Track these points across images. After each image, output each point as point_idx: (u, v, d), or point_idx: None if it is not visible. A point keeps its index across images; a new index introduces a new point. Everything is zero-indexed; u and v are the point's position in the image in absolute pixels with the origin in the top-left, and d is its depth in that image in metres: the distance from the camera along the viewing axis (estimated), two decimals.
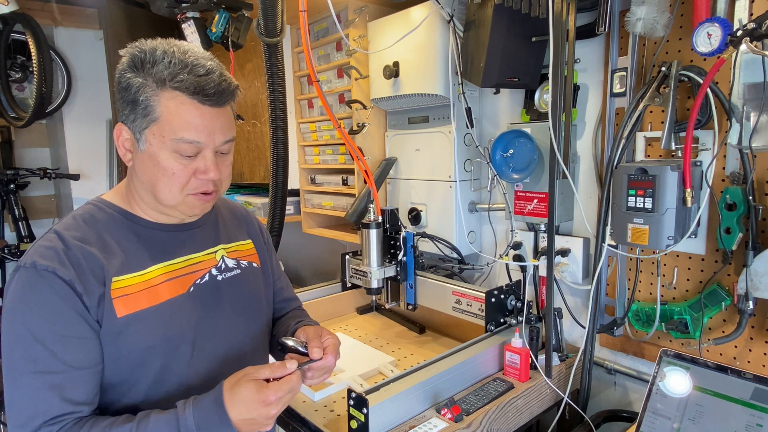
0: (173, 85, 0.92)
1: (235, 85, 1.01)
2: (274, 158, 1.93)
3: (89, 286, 0.92)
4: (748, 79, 1.22)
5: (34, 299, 0.88)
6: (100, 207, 1.03)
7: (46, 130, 3.72)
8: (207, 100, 0.94)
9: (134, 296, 0.97)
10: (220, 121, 0.97)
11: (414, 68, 1.88)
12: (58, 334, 0.88)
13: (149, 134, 0.95)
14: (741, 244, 1.29)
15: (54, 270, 0.89)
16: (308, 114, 2.46)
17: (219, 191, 1.04)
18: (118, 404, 0.98)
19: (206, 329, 1.06)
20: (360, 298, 2.31)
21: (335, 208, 2.35)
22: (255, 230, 1.28)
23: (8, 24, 3.07)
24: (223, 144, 1.00)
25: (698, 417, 1.22)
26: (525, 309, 1.63)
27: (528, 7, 1.45)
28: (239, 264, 1.17)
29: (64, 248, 0.93)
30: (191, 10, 2.05)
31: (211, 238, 1.15)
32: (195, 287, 1.07)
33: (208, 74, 0.94)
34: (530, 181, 1.69)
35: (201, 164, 0.97)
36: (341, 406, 1.46)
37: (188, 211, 1.03)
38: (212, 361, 1.07)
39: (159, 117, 0.93)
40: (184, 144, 0.94)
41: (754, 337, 1.34)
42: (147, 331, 0.97)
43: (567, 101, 1.49)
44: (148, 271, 1.01)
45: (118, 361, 0.96)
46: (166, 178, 0.96)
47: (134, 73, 0.93)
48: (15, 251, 3.26)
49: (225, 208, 1.25)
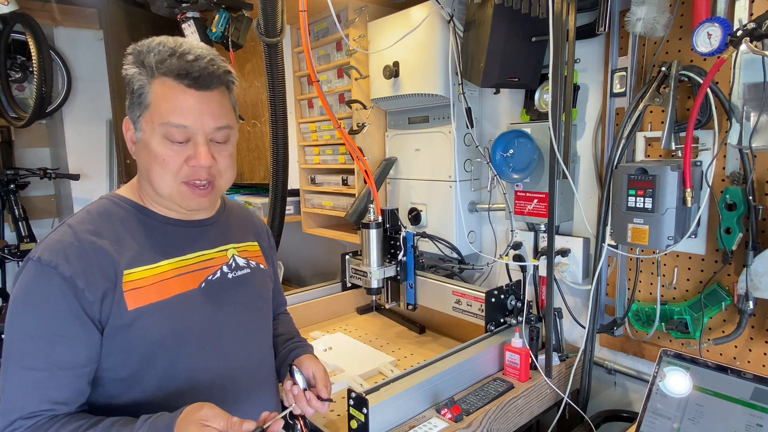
0: (161, 70, 0.94)
1: (226, 69, 1.00)
2: (274, 158, 1.93)
3: (93, 280, 0.92)
4: (748, 79, 1.22)
5: (33, 295, 0.90)
6: (114, 201, 1.05)
7: (46, 130, 3.72)
8: (193, 84, 0.94)
9: (144, 290, 0.97)
10: (209, 105, 0.97)
11: (414, 68, 1.88)
12: (49, 332, 0.89)
13: (143, 122, 0.97)
14: (741, 244, 1.29)
15: (56, 266, 0.90)
16: (308, 114, 2.46)
17: (216, 183, 1.02)
18: (126, 397, 0.98)
19: (216, 325, 1.07)
20: (360, 298, 2.31)
21: (335, 208, 2.35)
22: (261, 233, 1.29)
23: (8, 24, 3.07)
24: (216, 131, 0.99)
25: (698, 417, 1.22)
26: (525, 309, 1.63)
27: (528, 7, 1.45)
28: (249, 264, 1.18)
29: (73, 242, 0.94)
30: (191, 10, 2.05)
31: (222, 236, 1.15)
32: (207, 283, 1.07)
33: (197, 60, 0.95)
34: (530, 181, 1.69)
35: (192, 150, 0.97)
36: (341, 406, 1.45)
37: (183, 202, 1.01)
38: (221, 358, 1.07)
39: (150, 103, 0.95)
40: (172, 128, 0.94)
41: (754, 337, 1.34)
42: (156, 325, 0.97)
43: (567, 101, 1.49)
44: (158, 265, 1.01)
45: (128, 353, 0.96)
46: (158, 165, 0.96)
47: (132, 65, 0.97)
48: (15, 251, 3.26)
49: (235, 210, 1.26)
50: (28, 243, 3.30)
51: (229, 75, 1.01)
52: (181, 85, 0.94)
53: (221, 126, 0.99)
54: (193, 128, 0.96)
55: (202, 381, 1.03)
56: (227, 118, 1.01)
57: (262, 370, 1.18)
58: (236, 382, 1.08)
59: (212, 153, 0.99)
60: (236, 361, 1.09)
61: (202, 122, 0.96)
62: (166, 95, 0.94)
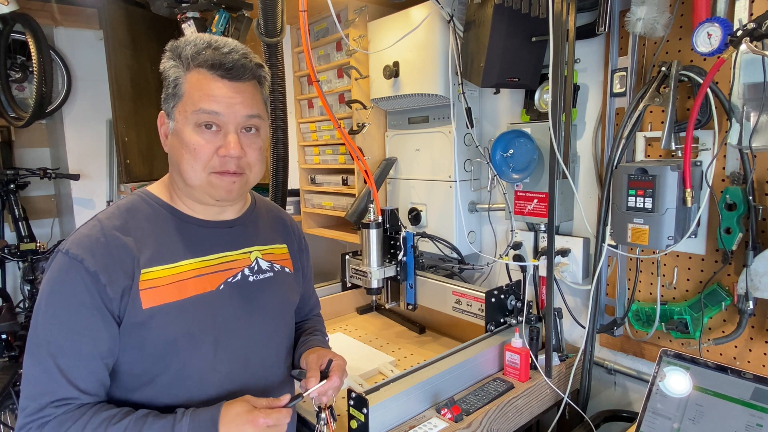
0: (196, 62, 0.97)
1: (258, 63, 1.02)
2: (274, 158, 1.93)
3: (115, 277, 0.94)
4: (748, 79, 1.22)
5: (59, 286, 0.93)
6: (143, 198, 1.06)
7: (46, 130, 3.72)
8: (226, 74, 0.97)
9: (161, 289, 0.98)
10: (241, 95, 0.98)
11: (414, 68, 1.88)
12: (73, 322, 0.92)
13: (176, 113, 0.99)
14: (741, 244, 1.29)
15: (82, 260, 0.93)
16: (308, 114, 2.46)
17: (246, 175, 1.03)
18: (141, 393, 0.99)
19: (232, 329, 1.06)
20: (360, 298, 2.31)
21: (335, 208, 2.35)
22: (291, 236, 1.27)
23: (8, 24, 3.07)
24: (247, 119, 1.00)
25: (698, 417, 1.22)
26: (525, 309, 1.63)
27: (528, 7, 1.45)
28: (273, 267, 1.16)
29: (100, 237, 0.96)
30: (191, 10, 2.05)
31: (248, 237, 1.14)
32: (226, 285, 1.06)
33: (230, 52, 0.98)
34: (530, 181, 1.69)
35: (222, 141, 0.98)
36: (341, 406, 1.45)
37: (213, 192, 1.01)
38: (234, 362, 1.06)
39: (184, 93, 0.98)
40: (203, 114, 0.96)
41: (754, 337, 1.34)
42: (169, 325, 0.98)
43: (567, 101, 1.49)
44: (178, 264, 1.01)
45: (142, 350, 0.97)
46: (189, 154, 0.97)
47: (168, 59, 1.00)
48: (15, 251, 3.25)
49: (265, 210, 1.24)
50: (28, 243, 3.30)
51: (261, 69, 1.03)
52: (214, 76, 0.97)
53: (252, 114, 1.00)
54: (224, 116, 0.97)
55: (212, 383, 1.03)
56: (258, 108, 1.02)
57: (275, 376, 1.16)
58: (246, 387, 1.07)
59: (242, 144, 1.00)
60: (248, 365, 1.09)
61: (234, 110, 0.98)
62: (200, 84, 0.97)
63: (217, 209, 1.08)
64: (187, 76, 0.98)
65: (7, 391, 2.52)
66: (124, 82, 2.67)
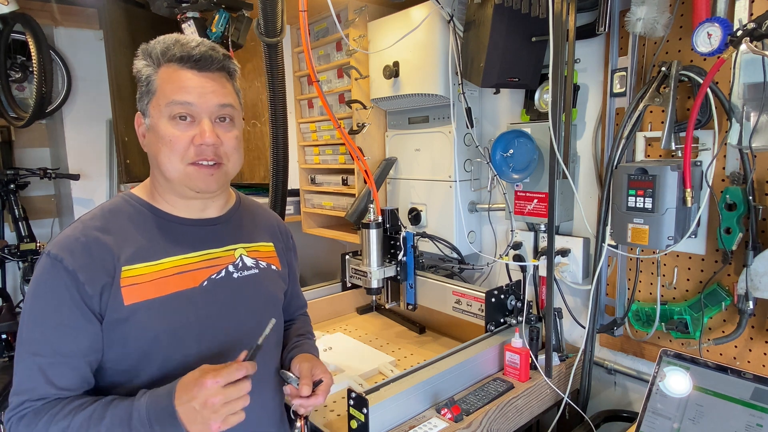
0: (166, 58, 1.00)
1: (226, 54, 1.04)
2: (274, 158, 1.93)
3: (94, 275, 0.96)
4: (748, 79, 1.22)
5: (42, 286, 0.96)
6: (126, 199, 1.08)
7: (46, 130, 3.71)
8: (195, 65, 1.00)
9: (143, 286, 0.99)
10: (211, 85, 1.01)
11: (414, 68, 1.88)
12: (54, 321, 0.94)
13: (151, 108, 1.01)
14: (741, 244, 1.29)
15: (62, 259, 0.95)
16: (308, 114, 2.46)
17: (225, 165, 1.04)
18: (126, 389, 1.00)
19: (215, 325, 1.06)
20: (360, 298, 2.31)
21: (335, 208, 2.35)
22: (278, 233, 1.27)
23: (8, 24, 3.07)
24: (220, 108, 1.01)
25: (698, 417, 1.22)
26: (525, 309, 1.63)
27: (528, 7, 1.45)
28: (258, 264, 1.17)
29: (80, 237, 0.98)
30: (191, 10, 2.05)
31: (232, 235, 1.15)
32: (209, 282, 1.07)
33: (198, 46, 1.01)
34: (530, 181, 1.69)
35: (197, 130, 0.99)
36: (341, 406, 1.45)
37: (192, 183, 1.02)
38: (219, 357, 1.06)
39: (156, 89, 1.01)
40: (176, 106, 0.98)
41: (754, 337, 1.34)
42: (152, 321, 0.99)
43: (567, 101, 1.49)
44: (160, 262, 1.02)
45: (126, 347, 0.99)
46: (165, 147, 0.99)
47: (140, 60, 1.03)
48: (15, 251, 3.25)
49: (250, 209, 1.25)
50: (28, 243, 3.30)
51: (229, 60, 1.05)
52: (184, 68, 1.00)
53: (225, 103, 1.02)
54: (196, 106, 0.99)
55: None
56: (230, 97, 1.04)
57: (263, 372, 1.16)
58: None
59: (217, 133, 1.01)
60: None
61: (206, 99, 1.00)
62: (170, 77, 1.00)
63: (199, 207, 1.09)
64: (158, 73, 1.00)
65: (7, 391, 2.52)
66: (124, 82, 2.67)
